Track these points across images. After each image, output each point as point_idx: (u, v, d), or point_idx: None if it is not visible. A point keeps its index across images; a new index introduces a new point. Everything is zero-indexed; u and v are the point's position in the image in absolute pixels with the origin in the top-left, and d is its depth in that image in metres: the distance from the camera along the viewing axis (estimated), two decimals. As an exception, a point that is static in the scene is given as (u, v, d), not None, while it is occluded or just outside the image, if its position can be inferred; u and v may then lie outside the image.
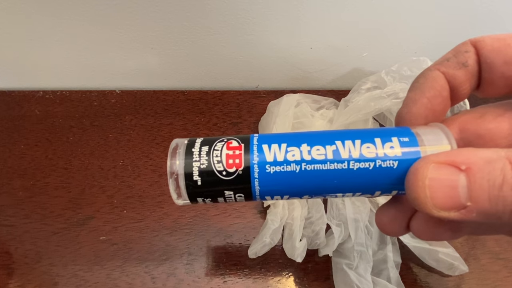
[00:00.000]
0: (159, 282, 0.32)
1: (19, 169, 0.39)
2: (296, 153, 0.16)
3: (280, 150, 0.16)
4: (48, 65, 0.44)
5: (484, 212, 0.13)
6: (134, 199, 0.36)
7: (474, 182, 0.13)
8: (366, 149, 0.16)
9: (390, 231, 0.19)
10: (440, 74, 0.17)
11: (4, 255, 0.33)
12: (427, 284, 0.32)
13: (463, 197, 0.13)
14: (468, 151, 0.13)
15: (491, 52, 0.16)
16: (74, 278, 0.32)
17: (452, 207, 0.13)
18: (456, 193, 0.13)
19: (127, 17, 0.38)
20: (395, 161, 0.15)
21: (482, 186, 0.13)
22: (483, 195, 0.13)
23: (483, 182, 0.13)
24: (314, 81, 0.47)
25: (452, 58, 0.16)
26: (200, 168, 0.16)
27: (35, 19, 0.38)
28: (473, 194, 0.13)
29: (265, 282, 0.32)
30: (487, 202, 0.13)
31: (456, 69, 0.16)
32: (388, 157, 0.16)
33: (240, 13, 0.38)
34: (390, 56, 0.44)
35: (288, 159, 0.16)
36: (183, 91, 0.45)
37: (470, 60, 0.16)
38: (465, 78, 0.17)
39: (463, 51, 0.16)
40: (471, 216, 0.13)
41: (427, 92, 0.17)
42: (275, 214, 0.33)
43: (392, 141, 0.16)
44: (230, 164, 0.16)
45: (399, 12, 0.39)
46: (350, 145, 0.16)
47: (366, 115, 0.36)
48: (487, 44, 0.16)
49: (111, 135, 0.41)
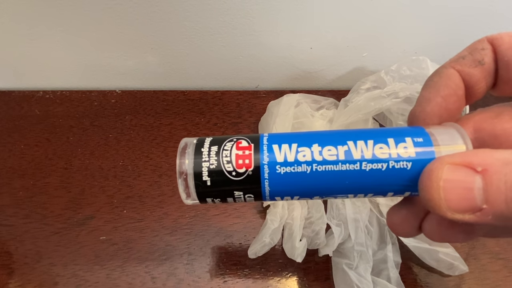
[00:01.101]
0: (159, 282, 0.32)
1: (19, 169, 0.39)
2: (307, 153, 0.16)
3: (290, 150, 0.16)
4: (48, 65, 0.44)
5: (500, 215, 0.12)
6: (134, 199, 0.36)
7: (490, 184, 0.12)
8: (379, 149, 0.15)
9: (401, 232, 0.18)
10: (455, 72, 0.16)
11: (4, 255, 0.33)
12: (427, 284, 0.32)
13: (478, 199, 0.13)
14: (484, 152, 0.13)
15: (509, 50, 0.15)
16: (74, 278, 0.32)
17: (467, 209, 0.13)
18: (471, 195, 0.13)
19: (127, 17, 0.38)
20: (409, 162, 0.15)
21: (499, 188, 0.12)
22: (500, 197, 0.12)
23: (500, 184, 0.12)
24: (314, 81, 0.47)
25: (468, 55, 0.16)
26: (209, 168, 0.16)
27: (35, 19, 0.38)
28: (490, 197, 0.12)
29: (265, 282, 0.32)
30: (504, 204, 0.12)
31: (472, 67, 0.16)
32: (402, 158, 0.15)
33: (240, 13, 0.38)
34: (390, 56, 0.44)
35: (299, 160, 0.16)
36: (183, 91, 0.45)
37: (486, 58, 0.16)
38: (481, 77, 0.16)
39: (479, 48, 0.16)
40: (487, 219, 0.13)
41: (441, 91, 0.16)
42: (275, 214, 0.33)
43: (406, 142, 0.15)
44: (240, 165, 0.16)
45: (399, 12, 0.39)
46: (363, 146, 0.15)
47: (366, 115, 0.36)
48: (504, 41, 0.15)
49: (111, 135, 0.41)
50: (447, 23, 0.41)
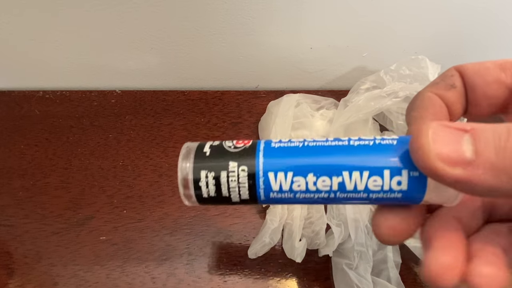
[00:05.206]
0: (159, 282, 0.32)
1: (19, 169, 0.39)
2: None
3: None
4: (48, 65, 0.44)
5: (491, 167, 0.12)
6: (134, 199, 0.36)
7: (478, 137, 0.13)
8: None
9: (400, 236, 0.17)
10: (434, 95, 0.17)
11: (4, 255, 0.33)
12: (427, 284, 0.32)
13: (468, 152, 0.13)
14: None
15: (472, 74, 0.17)
16: (74, 278, 0.32)
17: (456, 161, 0.13)
18: (460, 147, 0.13)
19: (127, 17, 0.38)
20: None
21: (487, 139, 0.12)
22: (488, 147, 0.12)
23: (488, 135, 0.13)
24: (314, 81, 0.47)
25: (440, 81, 0.17)
26: (211, 146, 0.16)
27: (35, 19, 0.38)
28: (479, 148, 0.13)
29: (265, 282, 0.32)
30: (494, 154, 0.12)
31: (446, 90, 0.17)
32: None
33: (240, 13, 0.38)
34: (390, 56, 0.44)
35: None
36: (183, 91, 0.45)
37: (457, 82, 0.17)
38: (455, 99, 0.17)
39: (449, 75, 0.17)
40: (478, 174, 0.12)
41: (430, 109, 0.17)
42: (274, 214, 0.33)
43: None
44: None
45: (399, 12, 0.39)
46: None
47: (366, 115, 0.36)
48: (468, 68, 0.17)
49: (111, 135, 0.41)
50: (447, 24, 0.41)
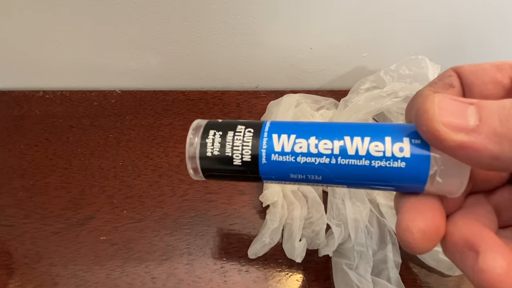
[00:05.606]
0: (159, 282, 0.32)
1: (19, 169, 0.39)
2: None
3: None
4: (48, 65, 0.44)
5: (493, 132, 0.13)
6: (134, 199, 0.36)
7: (483, 106, 0.13)
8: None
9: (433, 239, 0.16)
10: (433, 94, 0.18)
11: (4, 255, 0.33)
12: (427, 284, 0.32)
13: (471, 118, 0.13)
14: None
15: (469, 74, 0.17)
16: (74, 278, 0.32)
17: (460, 127, 0.13)
18: (464, 114, 0.13)
19: (127, 17, 0.38)
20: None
21: (491, 108, 0.13)
22: (492, 115, 0.13)
23: (493, 105, 0.13)
24: (314, 81, 0.47)
25: (438, 81, 0.18)
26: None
27: (35, 19, 0.38)
28: (483, 115, 0.13)
29: (265, 282, 0.32)
30: (498, 121, 0.13)
31: (445, 89, 0.17)
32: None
33: (240, 13, 0.38)
34: (390, 56, 0.44)
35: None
36: (183, 91, 0.45)
37: (454, 81, 0.17)
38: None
39: (447, 75, 0.18)
40: (480, 140, 0.13)
41: None
42: (274, 213, 0.33)
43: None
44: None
45: (399, 12, 0.39)
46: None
47: (366, 115, 0.36)
48: (465, 69, 0.17)
49: (111, 135, 0.41)
50: (447, 24, 0.41)
